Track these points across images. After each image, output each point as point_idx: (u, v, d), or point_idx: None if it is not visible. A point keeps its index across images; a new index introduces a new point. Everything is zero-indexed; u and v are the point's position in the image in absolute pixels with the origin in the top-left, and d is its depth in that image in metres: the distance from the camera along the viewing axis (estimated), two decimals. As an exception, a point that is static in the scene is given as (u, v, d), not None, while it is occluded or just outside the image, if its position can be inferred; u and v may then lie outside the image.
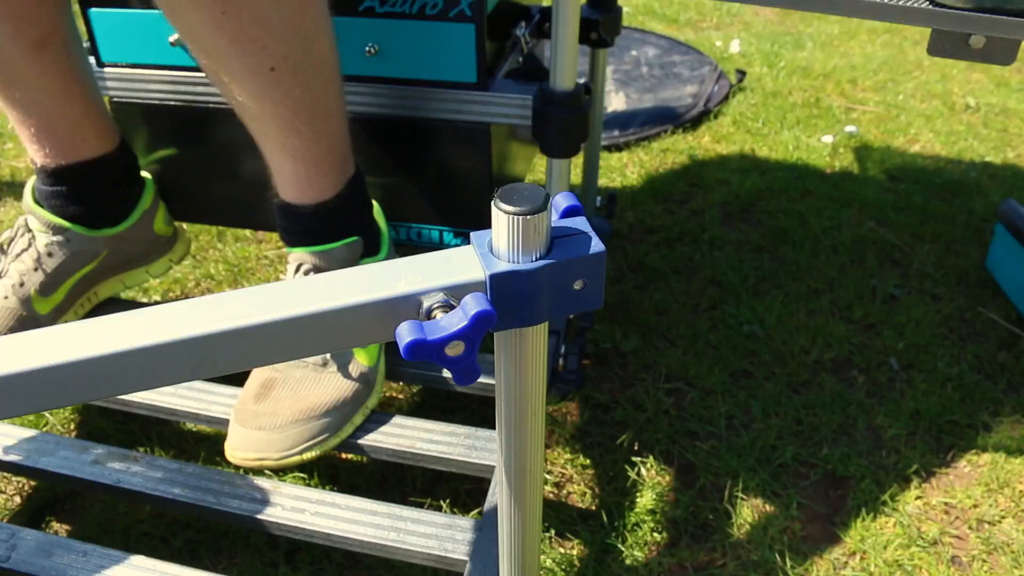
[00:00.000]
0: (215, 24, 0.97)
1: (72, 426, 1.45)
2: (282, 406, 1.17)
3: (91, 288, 1.41)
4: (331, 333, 0.57)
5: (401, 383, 1.46)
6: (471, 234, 0.60)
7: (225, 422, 1.26)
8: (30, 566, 1.07)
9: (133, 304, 1.52)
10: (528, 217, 0.55)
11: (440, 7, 1.23)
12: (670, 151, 2.17)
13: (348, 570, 1.24)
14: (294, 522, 1.11)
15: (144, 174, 1.44)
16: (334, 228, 1.21)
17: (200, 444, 1.42)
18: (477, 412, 1.44)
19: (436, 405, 1.45)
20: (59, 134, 1.28)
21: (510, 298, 0.58)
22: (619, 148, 2.19)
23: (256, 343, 0.56)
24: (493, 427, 1.21)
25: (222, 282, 1.76)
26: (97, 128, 1.32)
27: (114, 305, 1.46)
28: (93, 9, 1.34)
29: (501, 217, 0.56)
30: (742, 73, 2.50)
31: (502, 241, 0.57)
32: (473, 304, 0.55)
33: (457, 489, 1.33)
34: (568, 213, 0.61)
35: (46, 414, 1.47)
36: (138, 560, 1.07)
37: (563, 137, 1.26)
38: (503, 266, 0.57)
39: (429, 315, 0.57)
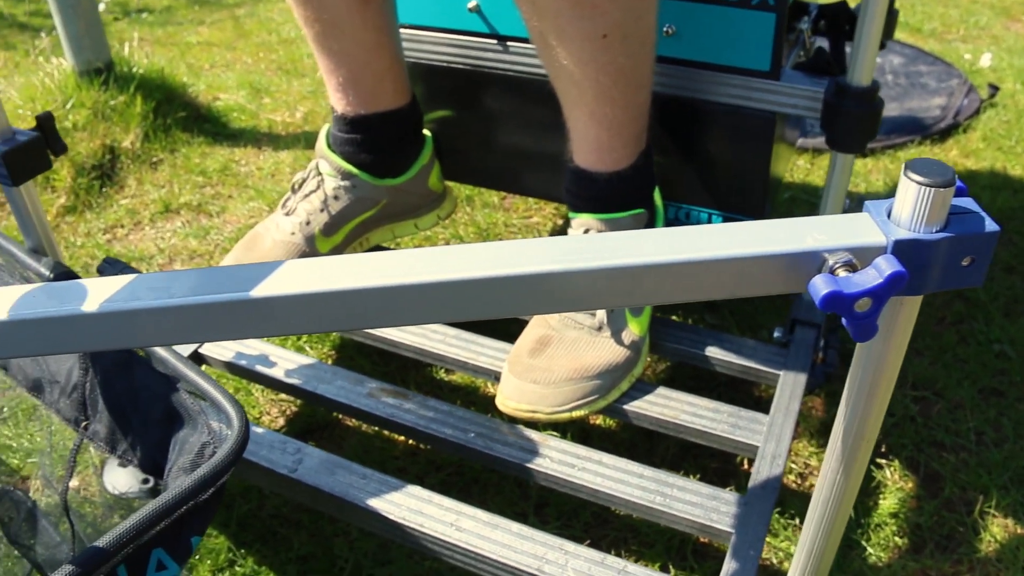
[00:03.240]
0: (562, -13, 1.02)
1: (330, 362, 1.52)
2: (556, 363, 1.22)
3: (365, 233, 1.48)
4: (740, 279, 0.60)
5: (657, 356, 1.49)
6: (866, 203, 0.63)
7: (489, 373, 1.31)
8: (315, 480, 1.14)
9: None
10: (939, 189, 0.57)
11: (744, -7, 1.25)
12: (917, 161, 2.14)
13: (594, 529, 1.27)
14: (563, 475, 1.15)
15: (425, 131, 1.50)
16: (624, 198, 1.24)
17: (455, 391, 1.48)
18: (724, 393, 1.46)
19: (683, 382, 1.47)
20: (364, 85, 1.35)
21: (906, 265, 0.60)
22: (863, 155, 2.17)
23: (670, 280, 0.59)
24: (745, 407, 1.23)
25: (472, 243, 1.82)
26: (396, 83, 1.39)
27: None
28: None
29: (910, 187, 0.58)
30: (995, 88, 2.44)
31: (906, 210, 0.59)
32: (887, 265, 0.57)
33: (705, 466, 1.35)
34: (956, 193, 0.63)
35: (305, 347, 1.56)
36: (414, 490, 1.12)
37: (855, 132, 1.27)
38: (905, 234, 0.59)
39: (831, 272, 0.59)
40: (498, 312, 0.61)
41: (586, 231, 1.25)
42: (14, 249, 1.13)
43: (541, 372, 1.21)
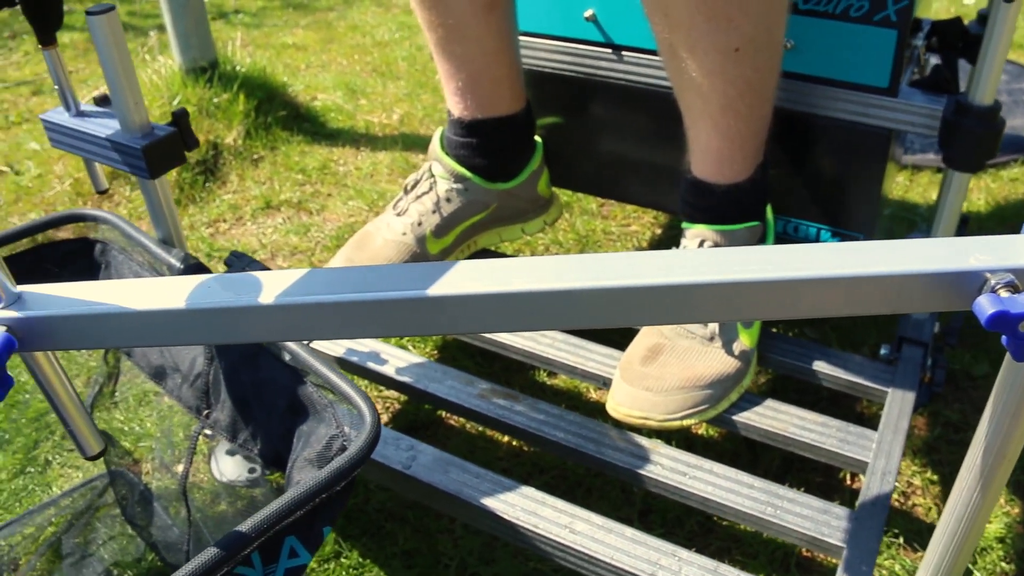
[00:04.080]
0: (700, 2, 1.03)
1: (433, 361, 1.54)
2: (668, 372, 1.23)
3: (473, 236, 1.50)
4: (900, 295, 0.61)
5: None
6: (1028, 224, 0.63)
7: (597, 378, 1.32)
8: (429, 477, 1.16)
9: (505, 256, 1.60)
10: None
11: (865, 10, 1.25)
12: (1020, 182, 2.12)
13: (698, 538, 1.28)
14: (674, 482, 1.16)
15: (535, 137, 1.52)
16: (741, 210, 1.25)
17: (558, 394, 1.49)
18: (826, 408, 1.45)
19: (784, 395, 1.47)
20: (482, 90, 1.37)
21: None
22: (964, 173, 2.15)
23: (826, 294, 0.60)
24: (849, 422, 1.23)
25: (570, 250, 1.84)
26: (513, 89, 1.41)
27: (487, 255, 1.55)
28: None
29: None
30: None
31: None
32: (1058, 288, 0.58)
33: (808, 479, 1.35)
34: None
35: (409, 347, 1.58)
36: (528, 491, 1.14)
37: (974, 151, 1.26)
38: (1070, 257, 0.59)
39: (993, 292, 0.60)
40: (635, 321, 0.63)
41: (702, 242, 1.25)
42: (145, 240, 1.16)
43: (653, 380, 1.22)
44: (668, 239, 1.87)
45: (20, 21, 3.51)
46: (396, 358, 1.35)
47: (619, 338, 1.36)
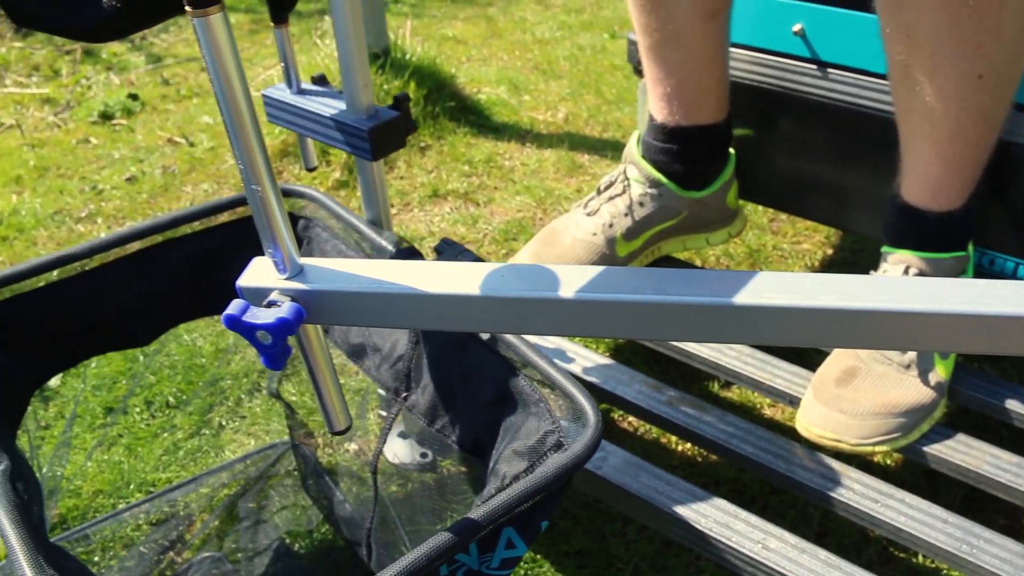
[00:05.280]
0: (952, 26, 1.01)
1: (610, 361, 1.55)
2: (863, 396, 1.21)
3: (659, 242, 1.50)
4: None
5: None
6: None
7: (784, 395, 1.31)
8: (621, 480, 1.16)
9: (687, 264, 1.60)
10: None
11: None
12: None
13: (877, 567, 1.26)
14: (865, 508, 1.14)
15: (730, 148, 1.52)
16: (950, 238, 1.23)
17: (735, 407, 1.48)
18: (1009, 447, 1.42)
19: (967, 430, 1.44)
20: (689, 97, 1.37)
21: None
22: None
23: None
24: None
25: (740, 263, 1.83)
26: (719, 98, 1.40)
27: (669, 262, 1.55)
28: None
29: None
30: None
31: None
32: None
33: (991, 519, 1.32)
34: None
35: (591, 345, 1.59)
36: (720, 503, 1.14)
37: None
38: None
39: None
40: (846, 343, 0.62)
41: (906, 268, 1.24)
42: (356, 220, 1.19)
43: (848, 403, 1.21)
44: (840, 260, 1.85)
45: None
46: (582, 357, 1.36)
47: (804, 354, 1.35)
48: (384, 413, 1.37)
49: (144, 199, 2.26)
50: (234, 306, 0.64)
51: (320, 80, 1.22)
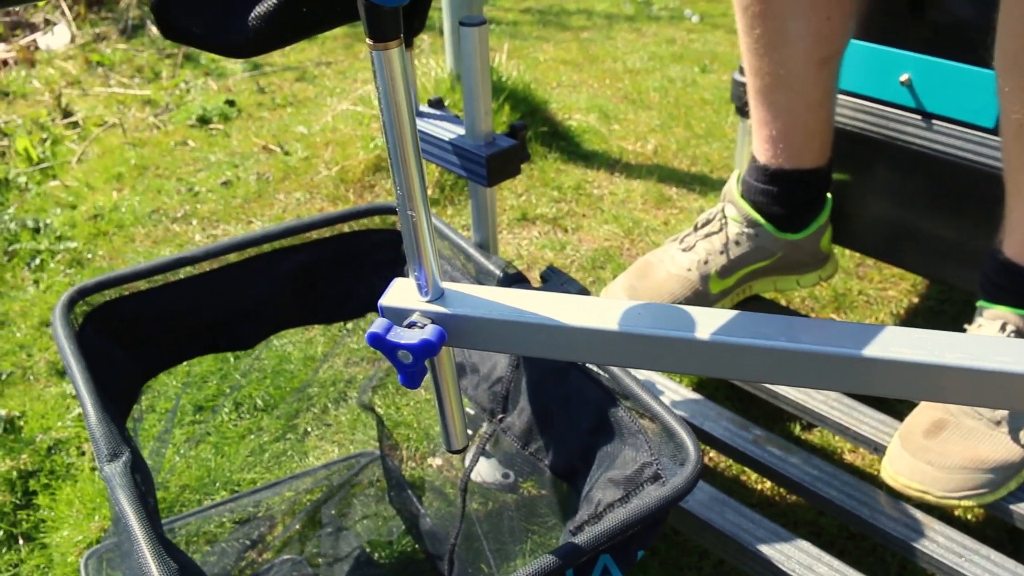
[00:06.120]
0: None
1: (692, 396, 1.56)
2: (952, 449, 1.22)
3: (751, 281, 1.51)
4: None
5: None
6: None
7: (869, 442, 1.32)
8: (706, 515, 1.18)
9: (773, 304, 1.61)
10: None
11: None
12: None
13: (954, 621, 1.26)
14: (949, 562, 1.15)
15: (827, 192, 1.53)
16: (1051, 297, 1.23)
17: (815, 449, 1.49)
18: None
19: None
20: (794, 141, 1.39)
21: None
22: None
23: None
24: None
25: (825, 306, 1.84)
26: (824, 143, 1.42)
27: (758, 302, 1.57)
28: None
29: None
30: None
31: None
32: None
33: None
34: None
35: (676, 378, 1.60)
36: (804, 545, 1.15)
37: None
38: None
39: None
40: (953, 399, 0.63)
41: (1003, 325, 1.24)
42: (464, 243, 1.22)
43: (936, 455, 1.21)
44: (926, 309, 1.85)
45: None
46: (670, 390, 1.38)
47: (890, 402, 1.35)
48: (471, 432, 1.39)
49: (238, 204, 2.32)
50: (378, 324, 0.67)
51: (437, 104, 1.26)
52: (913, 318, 1.82)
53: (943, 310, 1.84)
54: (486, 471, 1.42)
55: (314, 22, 0.81)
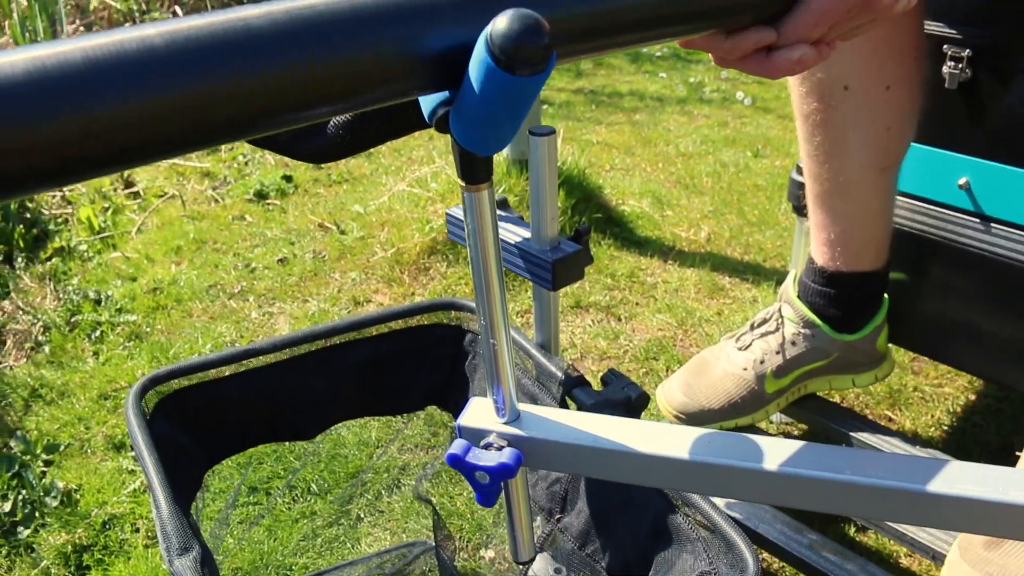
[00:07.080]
0: None
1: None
2: (1013, 563, 1.21)
3: (807, 380, 1.52)
4: None
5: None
6: None
7: (927, 549, 1.31)
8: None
9: (827, 403, 1.61)
10: None
11: None
12: None
13: None
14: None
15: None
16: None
17: (869, 553, 1.49)
18: None
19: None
20: (852, 245, 1.40)
21: None
22: None
23: None
24: None
25: (880, 402, 1.83)
26: (881, 246, 1.43)
27: (814, 400, 1.57)
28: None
29: None
30: None
31: None
32: None
33: None
34: None
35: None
36: (862, 656, 1.14)
37: None
38: None
39: None
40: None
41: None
42: (527, 344, 1.23)
43: (996, 567, 1.20)
44: (983, 407, 1.84)
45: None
46: (725, 490, 1.38)
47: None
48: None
49: (294, 281, 2.35)
50: (457, 446, 0.68)
51: (503, 205, 1.28)
52: (970, 416, 1.81)
53: (1001, 408, 1.83)
54: (539, 566, 1.43)
55: (388, 132, 0.84)
